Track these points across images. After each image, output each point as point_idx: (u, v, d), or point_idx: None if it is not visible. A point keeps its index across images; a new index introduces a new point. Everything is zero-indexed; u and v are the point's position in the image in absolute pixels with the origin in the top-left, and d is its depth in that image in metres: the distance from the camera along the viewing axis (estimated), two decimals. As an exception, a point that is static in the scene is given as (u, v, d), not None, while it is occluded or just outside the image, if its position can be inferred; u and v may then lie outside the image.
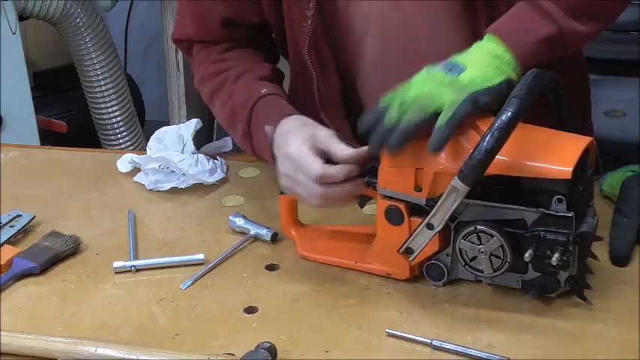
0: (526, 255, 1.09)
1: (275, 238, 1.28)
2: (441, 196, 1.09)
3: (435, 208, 1.11)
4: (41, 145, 2.60)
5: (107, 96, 2.91)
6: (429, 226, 1.13)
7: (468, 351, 1.03)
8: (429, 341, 1.04)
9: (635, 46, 2.53)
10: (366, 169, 1.19)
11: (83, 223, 1.36)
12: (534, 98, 1.08)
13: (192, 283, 1.19)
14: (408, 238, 1.16)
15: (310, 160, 1.17)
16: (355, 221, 1.30)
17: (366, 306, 1.14)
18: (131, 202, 1.42)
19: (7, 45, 2.59)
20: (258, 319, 1.12)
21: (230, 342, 1.06)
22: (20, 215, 1.33)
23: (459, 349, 1.03)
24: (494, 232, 1.11)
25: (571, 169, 1.07)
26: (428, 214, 1.12)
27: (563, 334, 1.06)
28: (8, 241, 1.29)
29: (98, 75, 2.89)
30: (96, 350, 1.05)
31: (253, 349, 1.02)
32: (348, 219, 1.31)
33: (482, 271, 1.14)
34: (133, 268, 1.23)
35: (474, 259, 1.13)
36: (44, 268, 1.23)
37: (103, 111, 2.90)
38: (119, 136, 2.94)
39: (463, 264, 1.15)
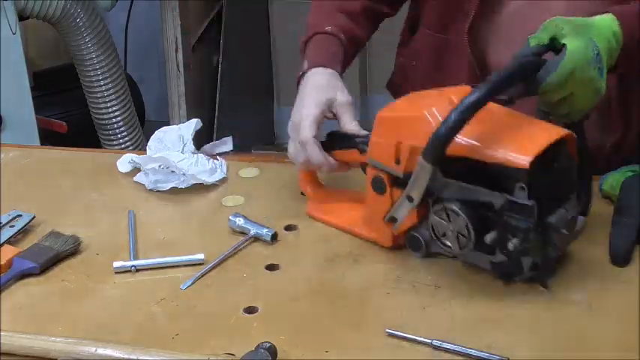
0: (487, 237, 1.13)
1: (275, 238, 1.28)
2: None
3: (410, 181, 1.17)
4: (41, 145, 2.60)
5: (107, 96, 2.91)
6: (409, 199, 1.19)
7: (468, 351, 1.03)
8: (429, 341, 1.04)
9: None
10: (363, 137, 1.28)
11: (83, 223, 1.36)
12: (510, 85, 1.14)
13: (192, 283, 1.19)
14: (391, 208, 1.22)
15: (308, 126, 1.28)
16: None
17: (366, 306, 1.14)
18: (131, 202, 1.42)
19: (7, 45, 2.59)
20: (258, 319, 1.12)
21: (230, 342, 1.06)
22: (20, 215, 1.33)
23: (459, 349, 1.03)
24: (460, 212, 1.15)
25: (530, 158, 1.09)
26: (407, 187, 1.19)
27: (563, 334, 1.06)
28: (8, 241, 1.29)
29: (98, 75, 2.89)
30: (96, 350, 1.05)
31: (253, 349, 1.02)
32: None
33: (450, 248, 1.18)
34: (133, 268, 1.23)
35: (444, 235, 1.18)
36: (44, 268, 1.23)
37: (103, 111, 2.90)
38: (119, 136, 2.94)
39: (435, 239, 1.19)
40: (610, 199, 1.31)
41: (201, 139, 1.56)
